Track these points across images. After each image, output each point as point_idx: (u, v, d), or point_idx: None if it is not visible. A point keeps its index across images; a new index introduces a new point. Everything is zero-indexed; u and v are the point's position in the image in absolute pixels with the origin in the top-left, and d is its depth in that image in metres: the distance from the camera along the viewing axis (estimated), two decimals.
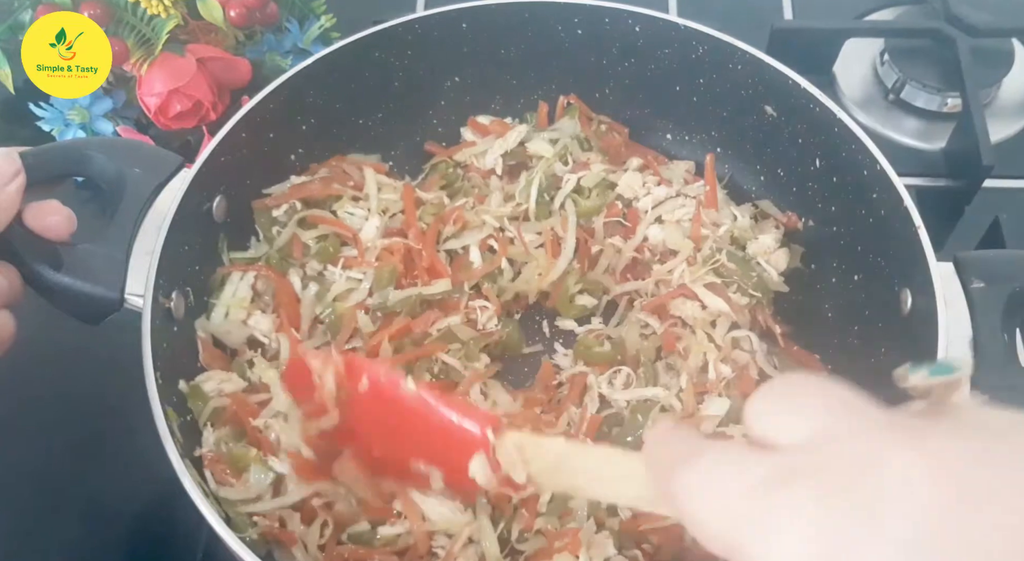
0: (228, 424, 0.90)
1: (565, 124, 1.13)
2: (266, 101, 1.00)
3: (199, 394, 0.90)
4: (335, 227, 1.02)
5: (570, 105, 1.15)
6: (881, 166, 0.92)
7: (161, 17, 1.16)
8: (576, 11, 1.09)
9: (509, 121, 1.17)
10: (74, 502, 1.04)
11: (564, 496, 0.88)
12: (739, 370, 0.95)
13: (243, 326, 0.96)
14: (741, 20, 1.31)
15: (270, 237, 1.02)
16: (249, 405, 0.90)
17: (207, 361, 0.94)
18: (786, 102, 1.03)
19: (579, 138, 1.12)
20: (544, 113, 1.16)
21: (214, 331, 0.95)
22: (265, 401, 0.91)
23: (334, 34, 1.31)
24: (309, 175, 1.07)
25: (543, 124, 1.16)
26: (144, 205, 0.90)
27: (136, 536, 1.02)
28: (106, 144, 0.96)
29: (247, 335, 0.96)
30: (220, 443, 0.88)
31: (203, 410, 0.89)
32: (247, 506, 0.84)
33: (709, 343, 0.96)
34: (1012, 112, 1.34)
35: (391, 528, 0.85)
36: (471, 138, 1.16)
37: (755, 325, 1.01)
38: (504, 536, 0.87)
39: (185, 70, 1.20)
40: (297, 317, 0.98)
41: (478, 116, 1.18)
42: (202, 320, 0.95)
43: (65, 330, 1.10)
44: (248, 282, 0.98)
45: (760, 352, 0.98)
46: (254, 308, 0.97)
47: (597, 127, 1.14)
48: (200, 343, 0.94)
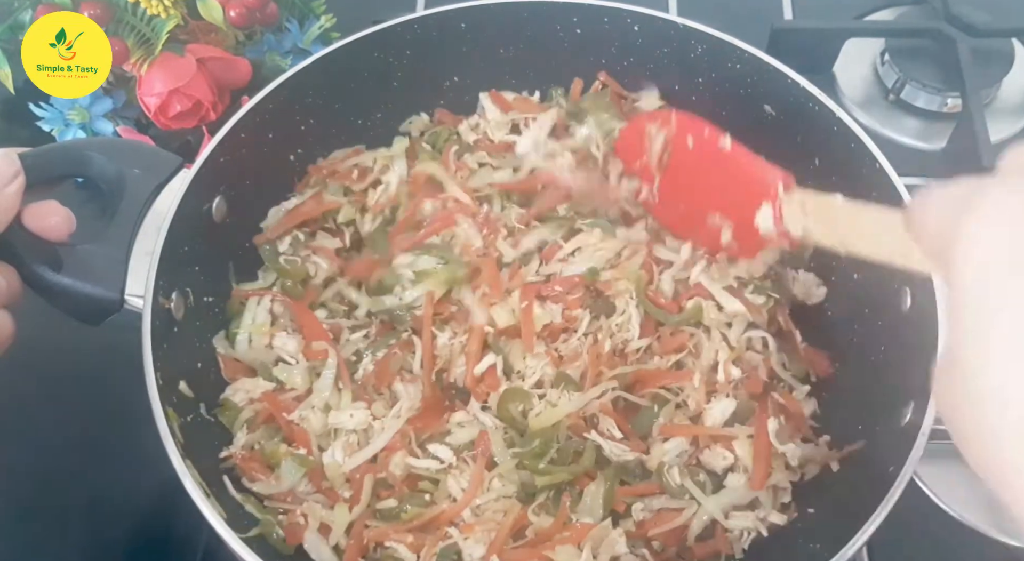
0: (262, 425, 0.92)
1: (595, 104, 1.11)
2: (266, 101, 1.00)
3: (230, 406, 0.93)
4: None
5: (604, 87, 1.14)
6: (881, 166, 0.92)
7: (161, 17, 1.17)
8: (575, 10, 1.09)
9: (534, 99, 1.16)
10: (74, 502, 1.04)
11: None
12: (750, 370, 0.95)
13: (268, 350, 0.98)
14: (741, 19, 1.31)
15: (277, 268, 1.02)
16: (281, 402, 0.92)
17: (229, 375, 0.96)
18: (786, 102, 1.03)
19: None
20: (578, 89, 1.14)
21: (241, 357, 0.97)
22: (300, 396, 0.94)
23: (334, 34, 1.31)
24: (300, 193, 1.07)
25: (576, 99, 1.14)
26: (144, 206, 0.90)
27: (136, 536, 1.02)
28: (106, 144, 0.96)
29: (274, 358, 0.98)
30: (252, 444, 0.91)
31: (236, 419, 0.92)
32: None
33: (722, 342, 0.96)
34: (1012, 112, 1.34)
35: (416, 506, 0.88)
36: (490, 107, 1.15)
37: (772, 324, 1.00)
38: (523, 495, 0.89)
39: (185, 70, 1.20)
40: (321, 332, 0.98)
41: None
42: (222, 339, 0.97)
43: (65, 330, 1.10)
44: (265, 307, 0.99)
45: (774, 353, 0.97)
46: (276, 330, 0.98)
47: (631, 106, 1.13)
48: (221, 360, 0.96)
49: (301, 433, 0.91)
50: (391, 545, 0.86)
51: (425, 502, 0.89)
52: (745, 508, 0.90)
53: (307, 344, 0.97)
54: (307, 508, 0.87)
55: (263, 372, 0.96)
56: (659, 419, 0.93)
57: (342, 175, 1.08)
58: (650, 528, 0.88)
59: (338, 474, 0.89)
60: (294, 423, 0.92)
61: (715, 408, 0.93)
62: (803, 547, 0.86)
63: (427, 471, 0.90)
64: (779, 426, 0.91)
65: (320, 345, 0.96)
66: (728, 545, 0.88)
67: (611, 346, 0.95)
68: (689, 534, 0.89)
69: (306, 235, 1.05)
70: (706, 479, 0.90)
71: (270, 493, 0.89)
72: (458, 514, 0.88)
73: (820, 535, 0.85)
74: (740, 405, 0.93)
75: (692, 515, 0.88)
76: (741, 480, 0.90)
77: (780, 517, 0.89)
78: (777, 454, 0.90)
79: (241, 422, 0.92)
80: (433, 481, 0.90)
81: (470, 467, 0.90)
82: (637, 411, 0.94)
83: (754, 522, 0.89)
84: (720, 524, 0.89)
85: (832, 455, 0.91)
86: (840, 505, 0.86)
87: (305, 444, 0.90)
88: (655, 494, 0.90)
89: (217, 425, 0.94)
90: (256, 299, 1.00)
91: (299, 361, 0.97)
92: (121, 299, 0.87)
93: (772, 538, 0.89)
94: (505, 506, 0.89)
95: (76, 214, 0.85)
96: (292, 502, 0.88)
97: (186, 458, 0.80)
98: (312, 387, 0.94)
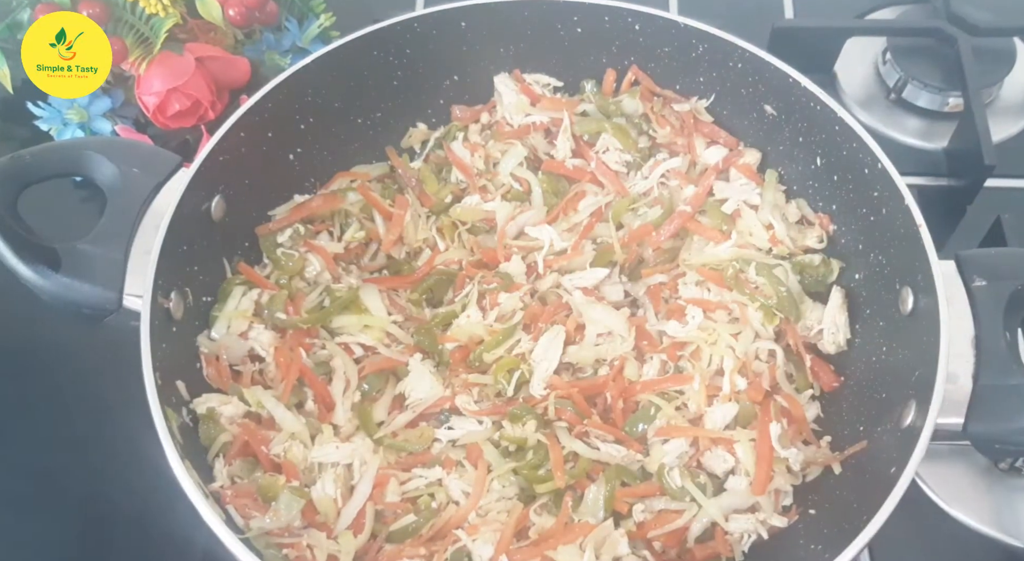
0: (239, 456, 0.89)
1: (627, 102, 1.12)
2: (265, 100, 1.00)
3: (214, 417, 0.89)
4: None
5: (635, 84, 1.13)
6: (882, 164, 0.92)
7: (160, 16, 1.16)
8: (575, 9, 1.08)
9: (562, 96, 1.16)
10: (74, 502, 1.04)
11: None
12: (753, 378, 0.95)
13: (242, 340, 0.96)
14: (742, 18, 1.31)
15: (275, 259, 1.02)
16: (259, 434, 0.89)
17: (211, 376, 0.94)
18: (787, 101, 1.03)
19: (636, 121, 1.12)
20: (611, 81, 1.14)
21: (213, 349, 0.95)
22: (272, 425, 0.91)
23: (333, 33, 1.31)
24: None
25: (608, 93, 1.14)
26: (143, 205, 0.90)
27: (136, 536, 1.02)
28: (105, 144, 0.96)
29: (247, 349, 0.96)
30: (234, 478, 0.88)
31: (216, 438, 0.88)
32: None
33: (728, 349, 0.96)
34: (1014, 111, 1.33)
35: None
36: (505, 90, 1.14)
37: (780, 340, 0.99)
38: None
39: (184, 69, 1.20)
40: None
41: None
42: (203, 337, 0.96)
43: (65, 330, 1.10)
44: (252, 297, 0.98)
45: (781, 365, 0.97)
46: (257, 321, 0.97)
47: (662, 106, 1.13)
48: (203, 358, 0.94)
49: (289, 465, 0.88)
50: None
51: (433, 510, 0.88)
52: (746, 511, 0.90)
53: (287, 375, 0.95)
54: (313, 539, 0.85)
55: (236, 392, 0.92)
56: (655, 421, 0.93)
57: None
58: (650, 529, 0.88)
59: (331, 507, 0.87)
60: (278, 457, 0.89)
61: (716, 411, 0.93)
62: (804, 548, 0.86)
63: (420, 489, 0.90)
64: (781, 430, 0.91)
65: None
66: (728, 547, 0.88)
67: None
68: (689, 536, 0.89)
69: (308, 232, 1.05)
70: (707, 481, 0.90)
71: (269, 529, 0.84)
72: (464, 518, 0.87)
73: (822, 536, 0.85)
74: (742, 409, 0.93)
75: (692, 517, 0.88)
76: (742, 483, 0.90)
77: (781, 520, 0.89)
78: (779, 458, 0.90)
79: (219, 444, 0.88)
80: (429, 494, 0.90)
81: (467, 468, 0.90)
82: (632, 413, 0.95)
83: (754, 525, 0.88)
84: (720, 526, 0.88)
85: (834, 457, 0.91)
86: (842, 506, 0.86)
87: (296, 476, 0.88)
88: (656, 495, 0.90)
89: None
90: (244, 288, 0.98)
91: (269, 356, 0.95)
92: (120, 298, 0.87)
93: (773, 539, 0.89)
94: (507, 506, 0.89)
95: (74, 213, 0.85)
96: (289, 537, 0.85)
97: (185, 458, 0.79)
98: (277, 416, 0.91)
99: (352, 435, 0.94)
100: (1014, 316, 0.86)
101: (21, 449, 1.06)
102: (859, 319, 0.98)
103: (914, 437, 0.79)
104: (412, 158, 1.16)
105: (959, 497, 0.99)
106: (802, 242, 1.04)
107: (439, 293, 1.04)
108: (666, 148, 1.12)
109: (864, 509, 0.77)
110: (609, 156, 1.09)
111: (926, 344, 0.83)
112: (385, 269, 1.07)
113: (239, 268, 1.00)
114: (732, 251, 1.01)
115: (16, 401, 1.09)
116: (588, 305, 0.99)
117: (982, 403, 0.81)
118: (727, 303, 0.99)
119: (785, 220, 1.04)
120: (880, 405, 0.89)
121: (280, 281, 1.01)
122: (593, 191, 1.09)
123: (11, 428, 1.08)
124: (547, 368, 0.95)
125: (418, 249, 1.08)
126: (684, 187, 1.07)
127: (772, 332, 0.98)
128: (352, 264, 1.06)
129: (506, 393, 0.95)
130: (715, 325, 0.97)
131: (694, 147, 1.10)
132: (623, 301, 1.04)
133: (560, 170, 1.09)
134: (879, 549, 0.98)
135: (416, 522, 0.87)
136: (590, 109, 1.12)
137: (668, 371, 0.97)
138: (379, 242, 1.06)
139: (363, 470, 0.89)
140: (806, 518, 0.89)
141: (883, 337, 0.93)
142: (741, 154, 1.09)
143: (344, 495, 0.88)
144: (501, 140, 1.11)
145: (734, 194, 1.06)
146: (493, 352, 0.96)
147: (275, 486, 0.85)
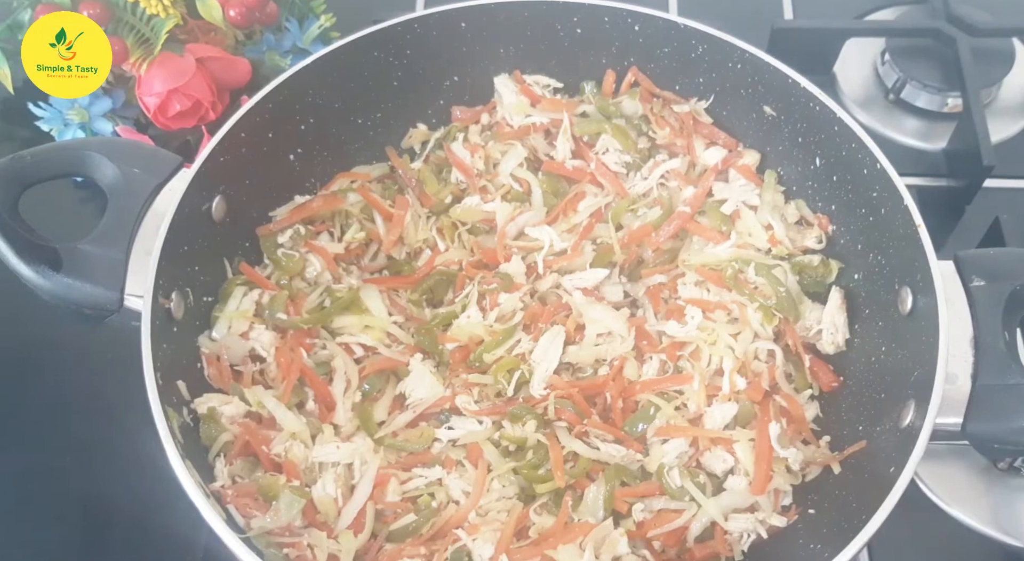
0: (239, 456, 0.89)
1: (626, 103, 1.13)
2: (265, 101, 1.00)
3: (215, 417, 0.89)
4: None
5: (635, 85, 1.13)
6: (881, 165, 0.92)
7: (160, 16, 1.16)
8: (575, 10, 1.09)
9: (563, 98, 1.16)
10: (74, 502, 1.04)
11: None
12: (752, 378, 0.95)
13: (243, 340, 0.96)
14: (741, 19, 1.31)
15: (275, 260, 1.02)
16: (260, 434, 0.90)
17: (212, 376, 0.94)
18: (786, 101, 1.03)
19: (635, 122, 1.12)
20: (611, 82, 1.14)
21: (214, 349, 0.95)
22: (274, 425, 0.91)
23: (333, 33, 1.31)
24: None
25: (608, 94, 1.14)
26: (143, 205, 0.90)
27: (137, 536, 1.02)
28: (105, 144, 0.96)
29: (248, 349, 0.97)
30: (235, 477, 0.88)
31: (216, 438, 0.88)
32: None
33: (728, 349, 0.96)
34: (1013, 112, 1.34)
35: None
36: (505, 90, 1.14)
37: (780, 340, 0.99)
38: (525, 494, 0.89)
39: (184, 70, 1.20)
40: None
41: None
42: (204, 337, 0.96)
43: (65, 330, 1.10)
44: (252, 298, 0.98)
45: (781, 365, 0.97)
46: (258, 321, 0.98)
47: (661, 107, 1.13)
48: (204, 358, 0.94)
49: (289, 465, 0.88)
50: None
51: (433, 509, 0.89)
52: (745, 510, 0.90)
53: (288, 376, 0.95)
54: (313, 539, 0.85)
55: (237, 392, 0.93)
56: (655, 421, 0.93)
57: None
58: (650, 528, 0.88)
59: (331, 507, 0.87)
60: (279, 456, 0.89)
61: (716, 411, 0.93)
62: (804, 548, 0.86)
63: (420, 488, 0.90)
64: (781, 430, 0.91)
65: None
66: (727, 547, 0.88)
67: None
68: (688, 535, 0.89)
69: (309, 232, 1.05)
70: (706, 481, 0.90)
71: (270, 528, 0.85)
72: (465, 518, 0.88)
73: (821, 536, 0.85)
74: (741, 409, 0.93)
75: (692, 516, 0.88)
76: (742, 482, 0.90)
77: (780, 519, 0.89)
78: (778, 458, 0.90)
79: (220, 443, 0.89)
80: (429, 494, 0.90)
81: (467, 468, 0.91)
82: (632, 412, 0.95)
83: (754, 524, 0.89)
84: (719, 526, 0.88)
85: (833, 457, 0.91)
86: (841, 506, 0.86)
87: (296, 476, 0.88)
88: (655, 495, 0.90)
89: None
90: (245, 288, 0.99)
91: (270, 356, 0.96)
92: (121, 299, 0.87)
93: (773, 539, 0.89)
94: (507, 506, 0.89)
95: (75, 214, 0.85)
96: (290, 536, 0.86)
97: (186, 458, 0.80)
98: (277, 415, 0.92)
99: (353, 435, 0.94)
100: (1013, 316, 0.86)
101: (21, 449, 1.07)
102: (858, 319, 0.98)
103: (913, 437, 0.79)
104: (412, 159, 1.16)
105: (958, 497, 0.99)
106: (801, 242, 1.04)
107: (439, 293, 1.05)
108: (666, 149, 1.12)
109: (863, 509, 0.77)
110: (609, 157, 1.10)
111: (925, 344, 0.83)
112: (385, 269, 1.08)
113: (240, 268, 1.00)
114: (731, 251, 1.01)
115: (17, 401, 1.09)
116: (588, 305, 0.99)
117: (981, 403, 0.82)
118: (726, 303, 0.99)
119: (784, 220, 1.05)
120: (879, 405, 0.89)
121: (281, 281, 1.01)
122: (593, 192, 1.09)
123: (11, 428, 1.08)
124: (547, 368, 0.95)
125: (418, 249, 1.08)
126: (683, 188, 1.07)
127: (771, 332, 0.98)
128: (352, 264, 1.06)
129: (506, 393, 0.95)
130: (714, 325, 0.97)
131: (693, 148, 1.10)
132: (623, 301, 1.04)
133: (560, 171, 1.09)
134: (878, 549, 0.98)
135: (416, 522, 0.87)
136: (590, 110, 1.12)
137: (668, 371, 0.97)
138: (379, 242, 1.06)
139: (363, 470, 0.90)
140: (805, 518, 0.90)
141: (882, 337, 0.93)
142: (740, 155, 1.09)
143: (344, 495, 0.88)
144: (501, 141, 1.11)
145: (733, 195, 1.06)
146: (493, 352, 0.96)
147: (276, 486, 0.86)
